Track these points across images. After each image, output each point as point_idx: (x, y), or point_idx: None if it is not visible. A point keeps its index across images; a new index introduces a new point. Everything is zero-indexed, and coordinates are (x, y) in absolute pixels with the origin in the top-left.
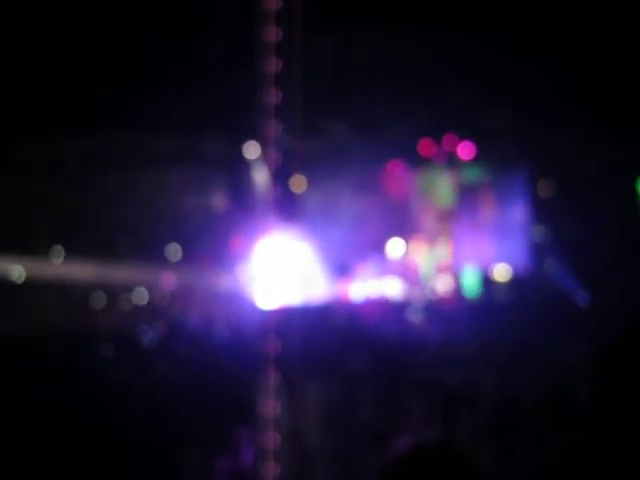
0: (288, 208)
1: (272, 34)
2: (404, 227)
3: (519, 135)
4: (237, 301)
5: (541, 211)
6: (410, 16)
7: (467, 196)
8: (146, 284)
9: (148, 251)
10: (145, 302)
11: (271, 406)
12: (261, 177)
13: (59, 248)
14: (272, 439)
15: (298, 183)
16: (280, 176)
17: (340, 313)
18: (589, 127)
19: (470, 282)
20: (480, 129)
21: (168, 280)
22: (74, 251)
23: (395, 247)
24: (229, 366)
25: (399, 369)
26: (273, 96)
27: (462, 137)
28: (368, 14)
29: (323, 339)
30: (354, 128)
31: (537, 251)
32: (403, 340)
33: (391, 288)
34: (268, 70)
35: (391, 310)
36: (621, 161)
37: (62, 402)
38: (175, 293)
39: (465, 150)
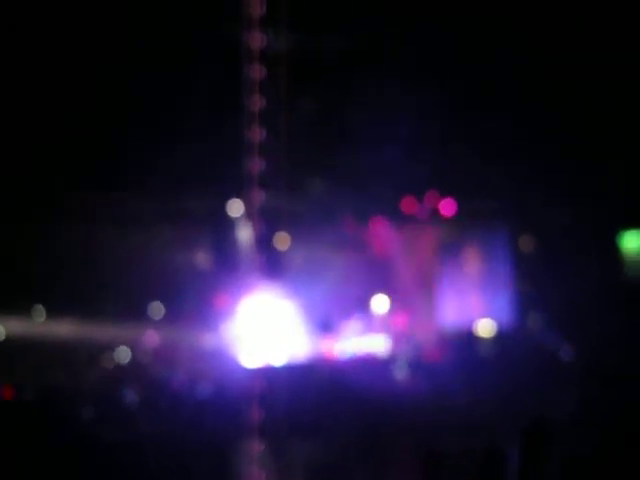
0: (272, 266)
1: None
2: (388, 284)
3: (500, 191)
4: (221, 359)
5: (523, 266)
6: (392, 74)
7: (450, 252)
8: (129, 342)
9: (131, 309)
10: (128, 360)
11: (255, 470)
12: (245, 235)
13: (40, 307)
14: None
15: (282, 240)
16: (264, 234)
17: (324, 371)
18: (570, 182)
19: (455, 337)
20: (461, 186)
21: (151, 338)
22: (56, 310)
23: (379, 304)
24: (213, 426)
25: (384, 428)
26: (256, 155)
27: (443, 194)
28: (351, 73)
29: (307, 398)
30: (337, 186)
31: (520, 306)
32: (388, 398)
33: (376, 345)
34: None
35: (376, 367)
36: (603, 216)
37: (44, 461)
38: (158, 351)
39: (446, 207)
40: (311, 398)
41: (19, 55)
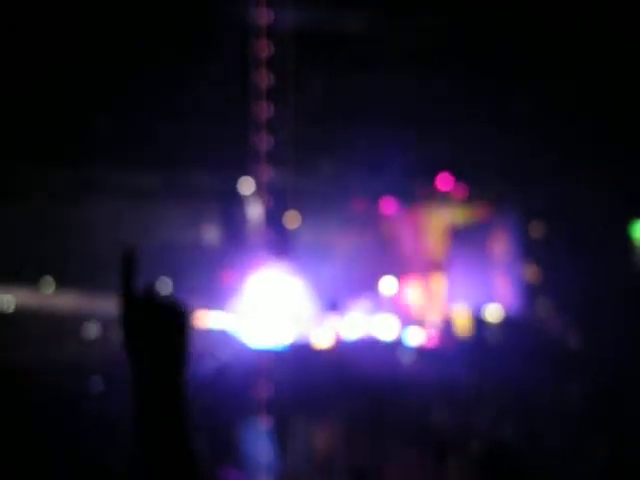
0: (281, 244)
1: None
2: (397, 265)
3: (512, 176)
4: (228, 337)
5: (533, 252)
6: (403, 56)
7: (460, 236)
8: None
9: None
10: None
11: (262, 446)
12: (255, 212)
13: (49, 279)
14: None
15: (292, 219)
16: (274, 212)
17: (331, 352)
18: (582, 169)
19: (462, 322)
20: (474, 169)
21: None
22: (65, 282)
23: (387, 285)
24: (219, 403)
25: (390, 410)
26: (267, 132)
27: (455, 177)
28: (360, 53)
29: (313, 378)
30: (348, 166)
31: (529, 292)
32: (394, 380)
33: (383, 326)
34: (261, 108)
35: (382, 349)
36: (614, 203)
37: (50, 433)
38: None
39: (458, 190)
40: (317, 378)
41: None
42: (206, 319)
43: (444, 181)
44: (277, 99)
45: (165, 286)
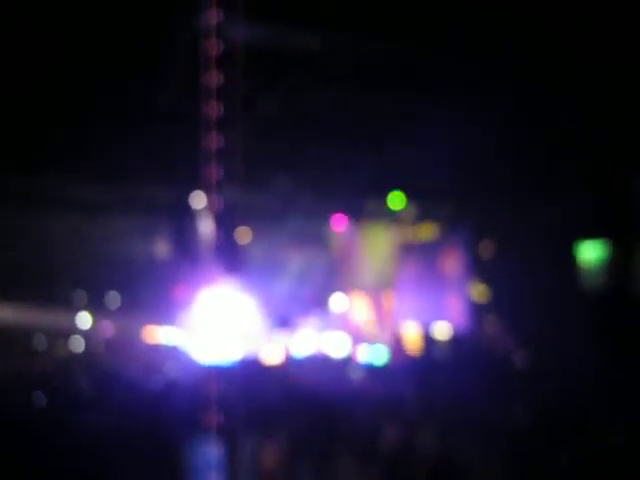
0: (232, 259)
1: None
2: (347, 282)
3: (461, 196)
4: (175, 353)
5: (483, 271)
6: (356, 74)
7: (410, 254)
8: (83, 332)
9: (87, 298)
10: (82, 350)
11: (210, 463)
12: (206, 227)
13: None
14: None
15: (243, 234)
16: (225, 227)
17: (281, 368)
18: (532, 191)
19: (412, 340)
20: (425, 188)
21: (105, 328)
22: (9, 295)
23: (338, 302)
24: (164, 419)
25: (339, 426)
26: (219, 148)
27: (407, 196)
28: (314, 70)
29: (263, 394)
30: (300, 183)
31: (478, 311)
32: (344, 397)
33: (333, 343)
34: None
35: (332, 366)
36: (563, 225)
37: None
38: (112, 342)
39: (410, 209)
40: (266, 394)
41: None
42: (155, 334)
43: (395, 200)
44: (229, 115)
45: (114, 300)
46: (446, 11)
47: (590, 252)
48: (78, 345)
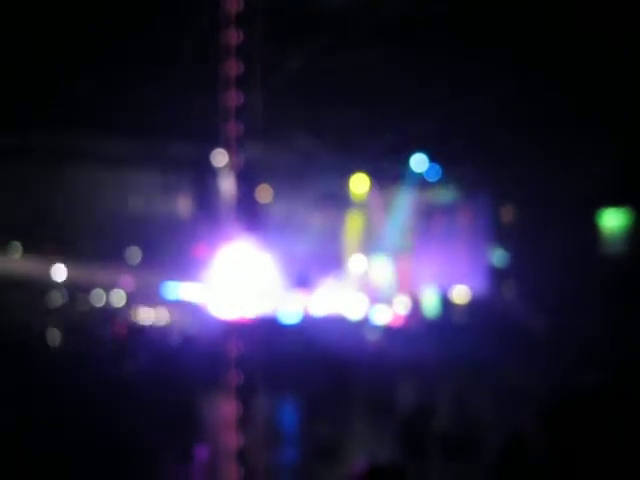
0: (252, 217)
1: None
2: (367, 244)
3: (485, 161)
4: (195, 308)
5: (502, 236)
6: (384, 37)
7: (431, 217)
8: (104, 285)
9: (108, 252)
10: (103, 304)
11: (228, 419)
12: (227, 185)
13: (17, 244)
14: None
15: (264, 193)
16: (246, 185)
17: (299, 327)
18: (556, 158)
19: (429, 302)
20: (448, 152)
21: (126, 283)
22: (33, 248)
23: (357, 264)
24: (186, 371)
25: (355, 385)
26: (240, 105)
27: (430, 158)
28: (339, 29)
29: (281, 352)
30: (323, 142)
31: (496, 275)
32: (360, 357)
33: (351, 304)
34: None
35: (349, 327)
36: (585, 192)
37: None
38: (133, 296)
39: (432, 172)
40: (284, 352)
41: None
42: (176, 291)
43: (418, 162)
44: (251, 73)
45: (135, 256)
46: None
47: (612, 219)
48: (99, 299)
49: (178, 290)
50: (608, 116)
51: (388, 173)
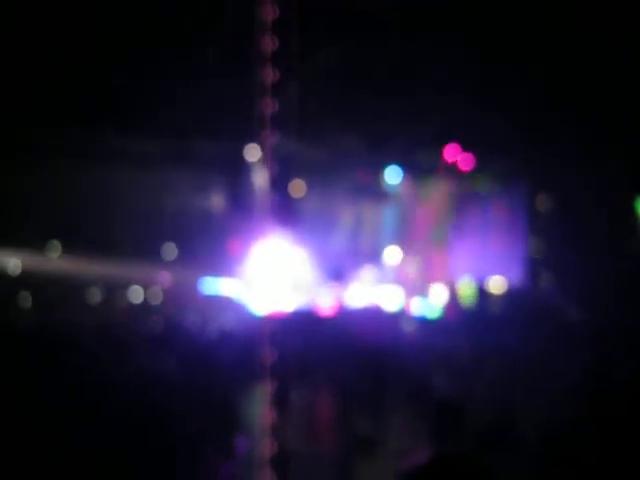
0: (286, 212)
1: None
2: (402, 235)
3: (519, 149)
4: (232, 304)
5: (538, 225)
6: (412, 27)
7: (466, 207)
8: (142, 282)
9: (145, 250)
10: (140, 300)
11: (267, 412)
12: (260, 180)
13: (56, 243)
14: (268, 444)
15: (297, 188)
16: (279, 180)
17: (335, 320)
18: (590, 143)
19: (465, 293)
20: (481, 142)
21: (163, 279)
22: (71, 246)
23: (392, 255)
24: (224, 368)
25: (392, 377)
26: (273, 101)
27: (463, 148)
28: (368, 25)
29: (317, 346)
30: (356, 136)
31: (533, 265)
32: (397, 349)
33: (387, 296)
34: (267, 77)
35: (386, 319)
36: (621, 178)
37: (55, 396)
38: (170, 292)
39: (465, 161)
40: (320, 347)
41: None
42: (212, 286)
43: (451, 152)
44: (283, 66)
45: (171, 252)
46: None
47: None
48: (137, 296)
49: (214, 286)
50: None
51: (422, 164)
